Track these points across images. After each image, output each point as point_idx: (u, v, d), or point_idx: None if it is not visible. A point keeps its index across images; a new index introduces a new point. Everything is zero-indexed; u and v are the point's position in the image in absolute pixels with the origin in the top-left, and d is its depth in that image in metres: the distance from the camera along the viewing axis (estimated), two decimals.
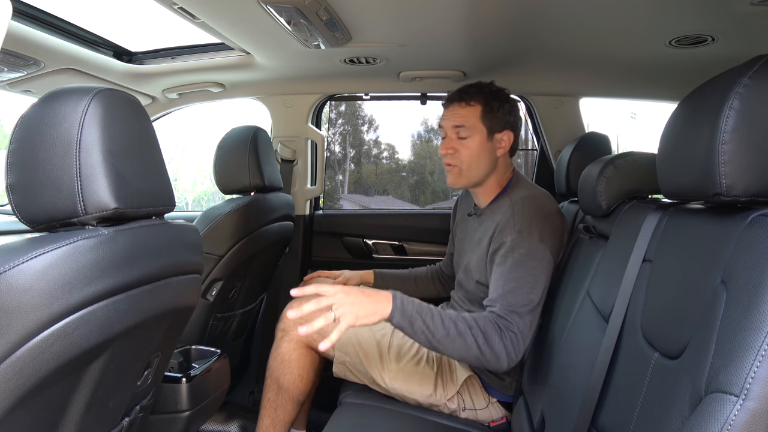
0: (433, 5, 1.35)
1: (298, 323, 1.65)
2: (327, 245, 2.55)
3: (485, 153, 1.59)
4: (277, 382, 1.69)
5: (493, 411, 1.63)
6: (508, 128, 1.61)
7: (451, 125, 1.59)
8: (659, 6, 1.32)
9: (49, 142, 0.81)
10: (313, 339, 1.66)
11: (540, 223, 1.47)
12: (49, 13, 1.61)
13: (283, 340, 1.70)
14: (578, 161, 1.84)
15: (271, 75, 2.11)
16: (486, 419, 1.62)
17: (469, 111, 1.58)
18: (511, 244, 1.44)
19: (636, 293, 1.00)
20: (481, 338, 1.31)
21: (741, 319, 0.63)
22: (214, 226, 1.77)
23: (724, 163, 0.72)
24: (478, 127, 1.57)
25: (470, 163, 1.59)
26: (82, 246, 0.77)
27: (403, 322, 1.28)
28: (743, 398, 0.59)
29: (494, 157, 1.60)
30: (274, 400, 1.70)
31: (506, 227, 1.48)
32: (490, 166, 1.60)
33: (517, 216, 1.48)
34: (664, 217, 1.01)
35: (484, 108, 1.58)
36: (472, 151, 1.58)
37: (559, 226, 1.53)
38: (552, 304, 1.56)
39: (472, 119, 1.57)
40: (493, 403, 1.63)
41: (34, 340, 0.71)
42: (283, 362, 1.68)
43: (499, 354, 1.32)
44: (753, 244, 0.67)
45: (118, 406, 1.01)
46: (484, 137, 1.58)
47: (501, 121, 1.59)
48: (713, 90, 0.79)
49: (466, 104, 1.58)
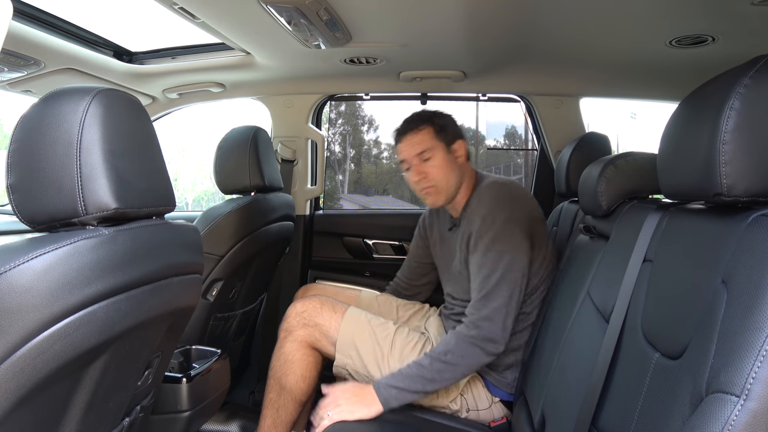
0: (433, 5, 1.35)
1: (301, 322, 1.66)
2: (327, 245, 2.55)
3: (451, 165, 1.70)
4: (279, 382, 1.69)
5: (495, 411, 1.64)
6: (459, 138, 1.74)
7: (414, 153, 1.70)
8: (659, 6, 1.32)
9: (50, 142, 0.81)
10: (316, 339, 1.67)
11: (504, 203, 1.59)
12: (49, 13, 1.61)
13: (287, 340, 1.70)
14: (578, 161, 1.85)
15: (272, 75, 2.11)
16: (487, 419, 1.63)
17: (423, 135, 1.70)
18: (479, 228, 1.57)
19: (636, 293, 1.00)
20: (460, 359, 1.47)
21: (742, 320, 0.63)
22: (214, 226, 1.77)
23: (724, 163, 0.72)
24: (436, 145, 1.69)
25: (443, 179, 1.69)
26: (83, 246, 0.77)
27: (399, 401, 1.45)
28: (744, 398, 0.59)
29: (457, 166, 1.71)
30: (276, 400, 1.69)
31: (475, 216, 1.60)
32: (458, 175, 1.71)
33: (482, 203, 1.61)
34: (665, 217, 1.01)
35: (434, 128, 1.70)
36: (440, 167, 1.68)
37: (527, 204, 1.65)
38: (552, 304, 1.56)
39: (429, 140, 1.69)
40: (496, 402, 1.64)
41: (35, 340, 0.71)
42: (286, 362, 1.69)
43: (481, 358, 1.48)
44: (754, 245, 0.67)
45: (118, 406, 1.01)
46: (445, 152, 1.70)
47: (451, 134, 1.72)
48: (714, 90, 0.79)
49: (418, 131, 1.70)
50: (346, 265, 2.53)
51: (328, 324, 1.66)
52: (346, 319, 1.67)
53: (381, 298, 1.99)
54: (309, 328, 1.67)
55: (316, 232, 2.56)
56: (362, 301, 1.94)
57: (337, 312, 1.68)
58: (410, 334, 1.69)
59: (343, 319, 1.66)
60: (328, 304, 1.71)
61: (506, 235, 1.54)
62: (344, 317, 1.67)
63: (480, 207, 1.60)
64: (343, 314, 1.68)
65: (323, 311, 1.68)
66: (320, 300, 1.72)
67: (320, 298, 1.73)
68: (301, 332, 1.67)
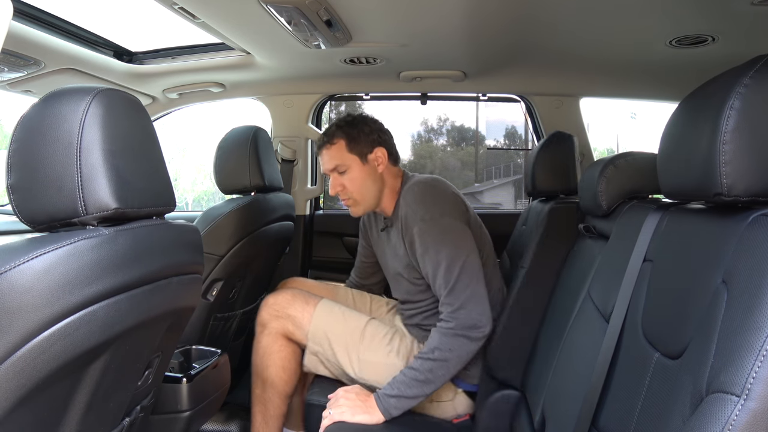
0: (433, 5, 1.35)
1: (274, 314, 1.69)
2: (327, 245, 2.55)
3: (368, 176, 1.70)
4: (261, 376, 1.72)
5: (458, 404, 1.67)
6: (377, 145, 1.72)
7: (329, 168, 1.71)
8: (659, 6, 1.32)
9: (50, 142, 0.81)
10: (289, 330, 1.70)
11: (434, 200, 1.61)
12: (49, 13, 1.61)
13: (262, 334, 1.73)
14: (544, 160, 1.86)
15: (272, 75, 2.11)
16: (450, 414, 1.65)
17: (335, 149, 1.69)
18: (420, 231, 1.57)
19: (637, 293, 0.99)
20: (448, 353, 1.47)
21: (742, 319, 0.63)
22: (214, 226, 1.77)
23: (724, 163, 0.72)
24: (349, 157, 1.69)
25: (360, 192, 1.70)
26: (83, 246, 0.77)
27: (399, 408, 1.45)
28: (744, 398, 0.58)
29: (377, 175, 1.71)
30: (262, 395, 1.73)
31: (408, 220, 1.60)
32: (378, 184, 1.71)
33: (411, 206, 1.61)
34: (665, 217, 1.01)
35: (347, 140, 1.69)
36: (356, 180, 1.69)
37: (451, 195, 1.67)
38: (553, 304, 1.56)
39: (341, 155, 1.69)
40: (459, 393, 1.67)
41: (35, 340, 0.71)
42: (265, 355, 1.72)
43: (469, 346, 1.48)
44: (754, 244, 0.67)
45: (118, 406, 1.01)
46: (359, 164, 1.69)
47: (367, 143, 1.70)
48: (714, 90, 0.79)
49: (331, 145, 1.70)
50: (346, 265, 2.52)
51: (301, 315, 1.69)
52: (318, 309, 1.70)
53: (356, 294, 2.02)
54: (282, 319, 1.70)
55: (316, 232, 2.56)
56: (338, 296, 1.96)
57: (309, 303, 1.71)
58: (381, 327, 1.72)
59: (315, 309, 1.70)
60: (300, 296, 1.74)
61: (449, 226, 1.57)
62: (317, 308, 1.70)
63: (412, 208, 1.60)
64: (316, 306, 1.71)
65: (295, 303, 1.71)
66: (292, 292, 1.75)
67: (292, 291, 1.77)
68: (275, 324, 1.70)
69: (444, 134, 4.36)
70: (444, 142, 4.38)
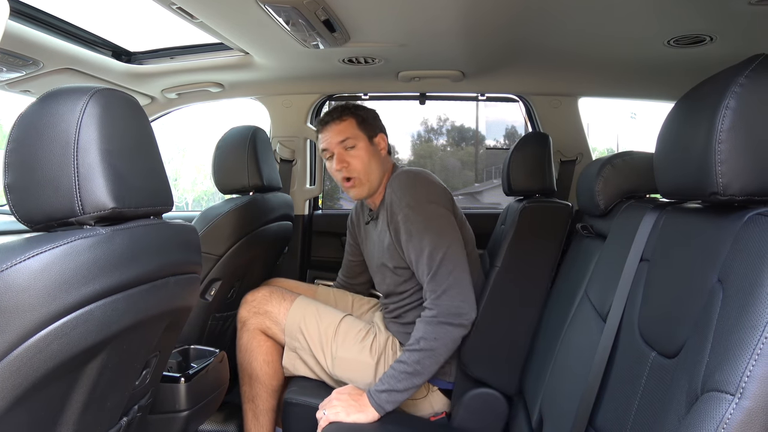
0: (432, 5, 1.35)
1: (252, 311, 1.73)
2: (326, 245, 2.55)
3: (374, 156, 1.70)
4: (247, 372, 1.75)
5: (434, 401, 1.67)
6: (381, 132, 1.75)
7: (336, 141, 1.69)
8: (658, 6, 1.32)
9: (47, 141, 0.81)
10: (266, 326, 1.73)
11: (420, 187, 1.62)
12: (47, 13, 1.60)
13: (243, 331, 1.76)
14: (518, 160, 1.88)
15: (270, 75, 2.11)
16: (427, 411, 1.66)
17: (346, 125, 1.70)
18: (405, 217, 1.57)
19: (633, 292, 1.00)
20: (433, 342, 1.47)
21: (737, 318, 0.63)
22: (212, 225, 1.77)
23: (720, 163, 0.72)
24: (359, 135, 1.69)
25: (366, 170, 1.68)
26: (80, 245, 0.77)
27: (392, 402, 1.45)
28: (739, 397, 0.59)
29: (380, 158, 1.72)
30: (249, 391, 1.75)
31: (394, 206, 1.60)
32: (381, 167, 1.72)
33: (397, 192, 1.61)
34: (662, 216, 1.01)
35: (357, 119, 1.71)
36: (363, 157, 1.68)
37: (438, 184, 1.68)
38: (550, 303, 1.56)
39: (352, 129, 1.69)
40: (434, 391, 1.67)
41: (32, 339, 0.71)
42: (247, 351, 1.74)
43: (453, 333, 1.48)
44: (749, 243, 0.67)
45: (116, 405, 1.01)
46: (367, 142, 1.70)
47: (374, 127, 1.73)
48: (710, 89, 0.79)
49: (341, 120, 1.70)
50: None
51: (277, 311, 1.71)
52: (294, 306, 1.72)
53: (337, 293, 2.03)
54: (259, 316, 1.72)
55: (315, 232, 2.56)
56: (319, 295, 1.96)
57: (286, 300, 1.73)
58: (356, 324, 1.73)
59: (292, 306, 1.71)
60: (278, 293, 1.76)
61: (435, 213, 1.58)
62: (293, 304, 1.72)
63: (398, 195, 1.60)
64: (293, 302, 1.73)
65: (272, 299, 1.73)
66: (270, 289, 1.77)
67: (270, 288, 1.79)
68: (253, 321, 1.73)
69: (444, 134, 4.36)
70: (444, 141, 4.37)
